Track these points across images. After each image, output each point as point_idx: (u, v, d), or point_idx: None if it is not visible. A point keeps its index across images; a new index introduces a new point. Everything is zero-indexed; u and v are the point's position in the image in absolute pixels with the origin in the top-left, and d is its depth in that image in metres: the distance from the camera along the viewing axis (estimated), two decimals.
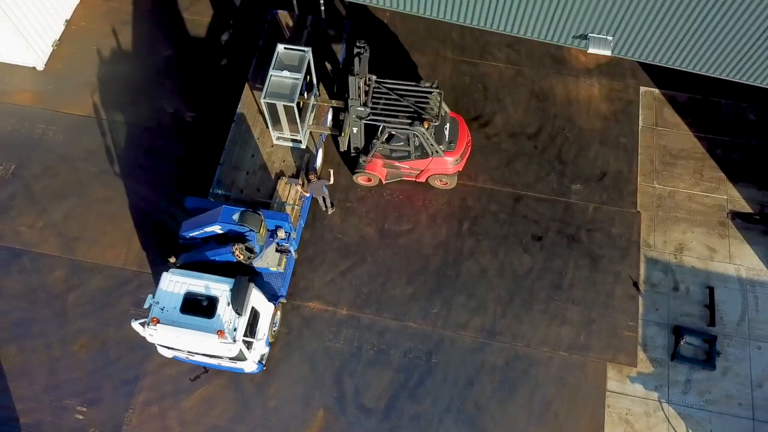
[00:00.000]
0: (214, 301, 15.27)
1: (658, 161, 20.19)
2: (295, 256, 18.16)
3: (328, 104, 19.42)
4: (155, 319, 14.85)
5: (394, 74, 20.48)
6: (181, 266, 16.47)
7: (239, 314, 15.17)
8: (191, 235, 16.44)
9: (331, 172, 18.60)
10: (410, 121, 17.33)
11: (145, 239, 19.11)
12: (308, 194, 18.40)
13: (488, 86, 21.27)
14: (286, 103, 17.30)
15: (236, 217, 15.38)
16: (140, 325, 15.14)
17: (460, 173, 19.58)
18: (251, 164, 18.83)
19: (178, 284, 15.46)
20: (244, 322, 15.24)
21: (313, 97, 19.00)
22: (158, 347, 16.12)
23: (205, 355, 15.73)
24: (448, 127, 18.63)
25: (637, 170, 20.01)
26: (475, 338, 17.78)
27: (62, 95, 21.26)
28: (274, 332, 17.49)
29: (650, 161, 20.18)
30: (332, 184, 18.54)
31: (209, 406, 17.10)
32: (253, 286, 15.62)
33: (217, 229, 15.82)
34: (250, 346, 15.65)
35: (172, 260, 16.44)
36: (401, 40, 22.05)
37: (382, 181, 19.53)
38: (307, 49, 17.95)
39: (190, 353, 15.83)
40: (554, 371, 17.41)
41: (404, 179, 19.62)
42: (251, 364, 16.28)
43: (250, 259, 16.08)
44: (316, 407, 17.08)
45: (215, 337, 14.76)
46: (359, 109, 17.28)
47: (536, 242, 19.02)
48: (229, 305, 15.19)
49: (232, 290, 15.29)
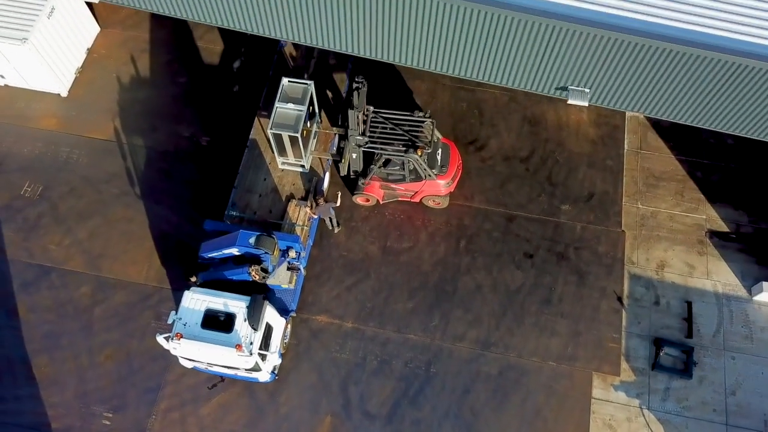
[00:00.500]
0: (231, 317, 16.72)
1: (642, 183, 21.64)
2: (304, 273, 19.61)
3: (329, 132, 20.91)
4: (179, 334, 16.30)
5: (394, 100, 21.95)
6: (200, 284, 17.93)
7: (255, 329, 16.63)
8: (210, 255, 17.90)
9: (338, 194, 20.07)
10: (405, 148, 18.82)
11: (164, 256, 20.56)
12: (316, 216, 19.86)
13: (484, 112, 22.73)
14: (290, 133, 18.81)
15: (252, 240, 16.85)
16: (165, 339, 16.60)
17: (456, 194, 21.06)
18: (263, 187, 20.31)
19: (198, 301, 16.91)
20: (259, 336, 16.69)
21: (315, 125, 20.49)
22: (180, 359, 17.57)
23: (223, 366, 17.20)
24: (440, 152, 20.10)
25: (622, 191, 21.45)
26: (470, 349, 19.24)
27: (85, 120, 22.72)
28: (285, 344, 18.95)
29: (635, 183, 21.63)
30: (338, 205, 20.00)
31: (225, 412, 18.55)
32: (267, 303, 17.08)
33: (234, 251, 17.29)
34: (264, 358, 17.11)
35: (193, 279, 17.93)
36: (401, 67, 23.49)
37: (379, 201, 20.98)
38: (309, 82, 19.45)
39: (209, 364, 17.30)
40: (544, 380, 18.86)
41: (400, 199, 21.05)
42: (265, 374, 17.74)
43: (264, 278, 17.55)
44: (323, 413, 18.53)
45: (234, 350, 16.21)
46: (358, 138, 18.77)
47: (528, 259, 20.47)
48: (245, 321, 16.64)
49: (248, 307, 16.74)
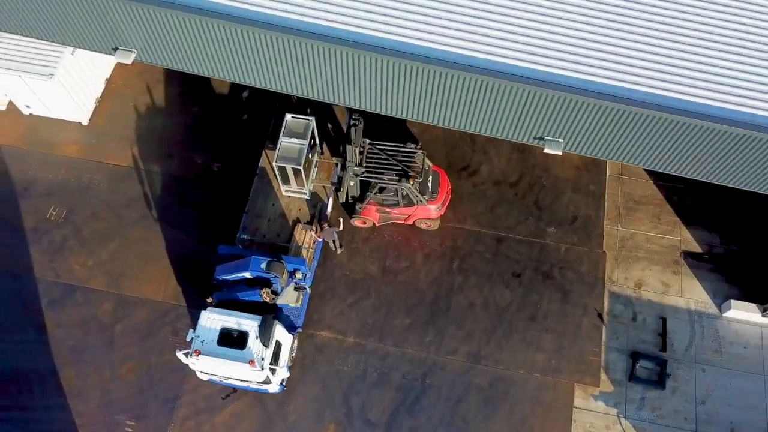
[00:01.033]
0: (245, 335, 18.41)
1: (622, 207, 23.35)
2: (309, 291, 21.30)
3: (330, 161, 22.66)
4: (197, 351, 18.01)
5: (390, 129, 23.60)
6: (215, 305, 19.63)
7: (266, 346, 18.34)
8: (224, 278, 19.61)
9: (341, 219, 21.77)
10: (398, 178, 20.54)
11: (179, 276, 22.25)
12: (321, 239, 21.57)
13: (476, 140, 24.42)
14: (294, 166, 20.60)
15: (264, 266, 18.58)
16: (184, 355, 18.30)
17: (450, 217, 22.78)
18: (272, 212, 22.03)
19: (214, 321, 18.61)
20: (270, 352, 18.40)
21: (316, 155, 22.24)
22: (197, 372, 19.26)
23: (236, 379, 18.90)
24: (431, 179, 21.81)
25: (603, 215, 23.16)
26: (463, 362, 20.94)
27: (105, 147, 24.41)
28: (292, 358, 20.62)
29: (615, 206, 23.34)
30: (342, 229, 21.69)
31: (238, 421, 20.24)
32: (276, 322, 18.78)
33: (247, 275, 18.99)
34: (274, 371, 18.80)
35: (209, 300, 19.63)
36: None
37: (375, 223, 22.68)
38: (311, 118, 21.21)
39: (224, 377, 19.01)
40: (530, 391, 20.57)
41: (394, 222, 22.73)
42: (274, 386, 19.45)
43: (274, 300, 19.27)
44: (327, 422, 20.22)
45: (247, 365, 17.91)
46: (356, 168, 20.51)
47: (516, 279, 22.18)
48: (257, 339, 18.34)
49: (259, 326, 18.43)
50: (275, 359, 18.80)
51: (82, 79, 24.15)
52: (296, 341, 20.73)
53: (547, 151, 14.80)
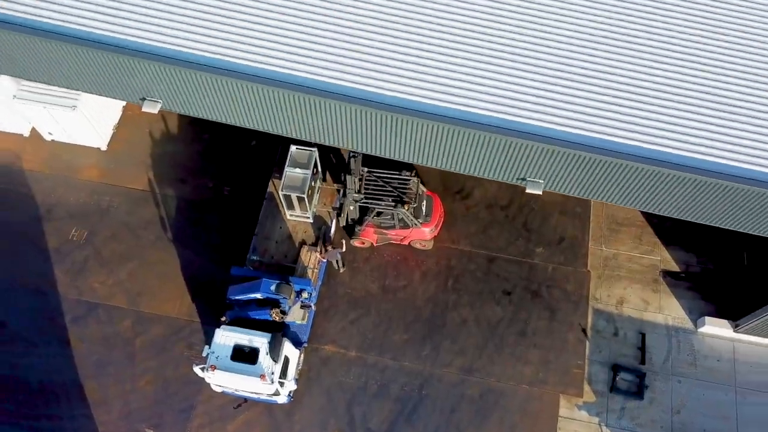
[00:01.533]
0: (256, 351, 20.08)
1: (606, 228, 25.03)
2: (314, 309, 22.97)
3: (331, 187, 24.37)
4: (213, 366, 19.68)
5: None
6: (228, 323, 21.32)
7: (275, 361, 20.02)
8: (236, 298, 21.30)
9: (343, 241, 23.46)
10: (394, 204, 22.23)
11: (193, 294, 23.92)
12: (325, 259, 23.25)
13: None
14: (298, 194, 22.31)
15: (273, 288, 20.28)
16: (200, 369, 19.98)
17: (445, 238, 24.46)
18: (280, 234, 23.73)
19: (228, 338, 20.28)
20: (279, 367, 20.08)
21: (318, 181, 23.95)
22: (212, 385, 20.94)
23: (248, 391, 20.58)
24: (425, 203, 23.49)
25: (588, 236, 24.84)
26: (457, 375, 22.61)
27: (123, 172, 26.10)
28: (298, 370, 22.30)
29: (600, 228, 25.02)
30: (344, 251, 23.36)
31: (249, 429, 21.91)
32: (285, 339, 20.47)
33: (257, 295, 20.68)
34: (283, 384, 20.47)
35: (223, 319, 21.33)
36: None
37: (373, 244, 24.35)
38: (314, 148, 22.91)
39: (236, 389, 20.68)
40: (519, 401, 22.25)
41: (391, 242, 24.40)
42: (283, 397, 21.12)
43: (282, 319, 20.96)
44: (331, 430, 21.89)
45: (258, 379, 19.58)
46: (355, 195, 22.19)
47: (506, 296, 23.86)
48: (267, 354, 20.01)
49: (269, 343, 20.11)
50: (284, 373, 20.47)
51: (101, 108, 25.80)
52: (302, 355, 22.39)
53: (528, 190, 16.54)
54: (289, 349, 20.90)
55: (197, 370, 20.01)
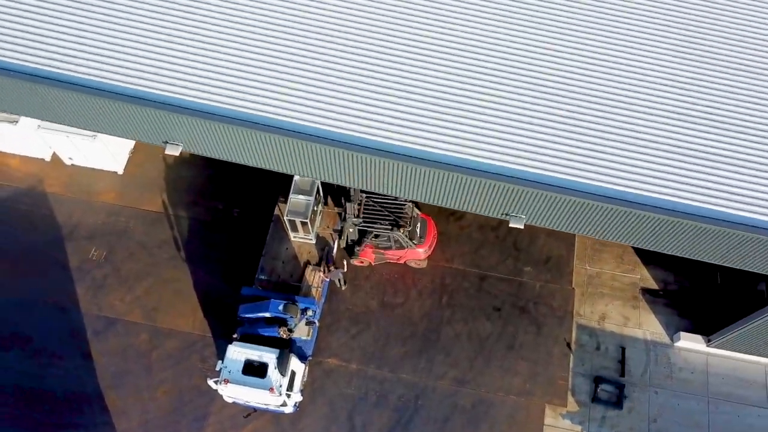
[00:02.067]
0: (265, 366, 21.86)
1: (590, 248, 26.81)
2: (318, 325, 24.76)
3: (332, 211, 26.17)
4: (226, 380, 21.48)
5: None
6: (239, 339, 23.13)
7: (283, 375, 21.82)
8: (246, 316, 23.10)
9: (345, 262, 25.25)
10: (391, 227, 24.02)
11: (206, 310, 25.71)
12: (328, 278, 25.04)
13: None
14: (301, 219, 24.11)
15: (281, 308, 22.08)
16: (214, 383, 21.77)
17: (439, 257, 26.25)
18: (286, 255, 25.53)
19: (239, 353, 22.06)
20: (286, 381, 21.87)
21: (320, 205, 25.76)
22: (224, 396, 22.74)
23: (257, 402, 22.37)
24: (419, 226, 25.28)
25: (574, 255, 26.62)
26: (450, 386, 24.40)
27: (138, 195, 27.88)
28: (304, 382, 24.09)
29: (584, 248, 26.80)
30: (346, 271, 25.15)
31: None
32: (292, 355, 22.27)
33: (266, 314, 22.48)
34: (290, 396, 22.27)
35: (234, 336, 23.13)
36: None
37: (371, 263, 26.12)
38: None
39: (247, 401, 22.48)
40: (507, 410, 24.05)
41: (388, 261, 26.17)
42: (289, 407, 22.91)
43: (289, 336, 22.77)
44: None
45: (267, 392, 21.38)
46: (354, 219, 24.00)
47: (496, 312, 25.65)
48: (276, 369, 21.80)
49: (277, 358, 21.91)
50: (290, 386, 22.26)
51: None
52: (307, 368, 24.18)
53: (512, 225, 18.34)
54: (295, 363, 22.69)
55: (211, 383, 21.79)
